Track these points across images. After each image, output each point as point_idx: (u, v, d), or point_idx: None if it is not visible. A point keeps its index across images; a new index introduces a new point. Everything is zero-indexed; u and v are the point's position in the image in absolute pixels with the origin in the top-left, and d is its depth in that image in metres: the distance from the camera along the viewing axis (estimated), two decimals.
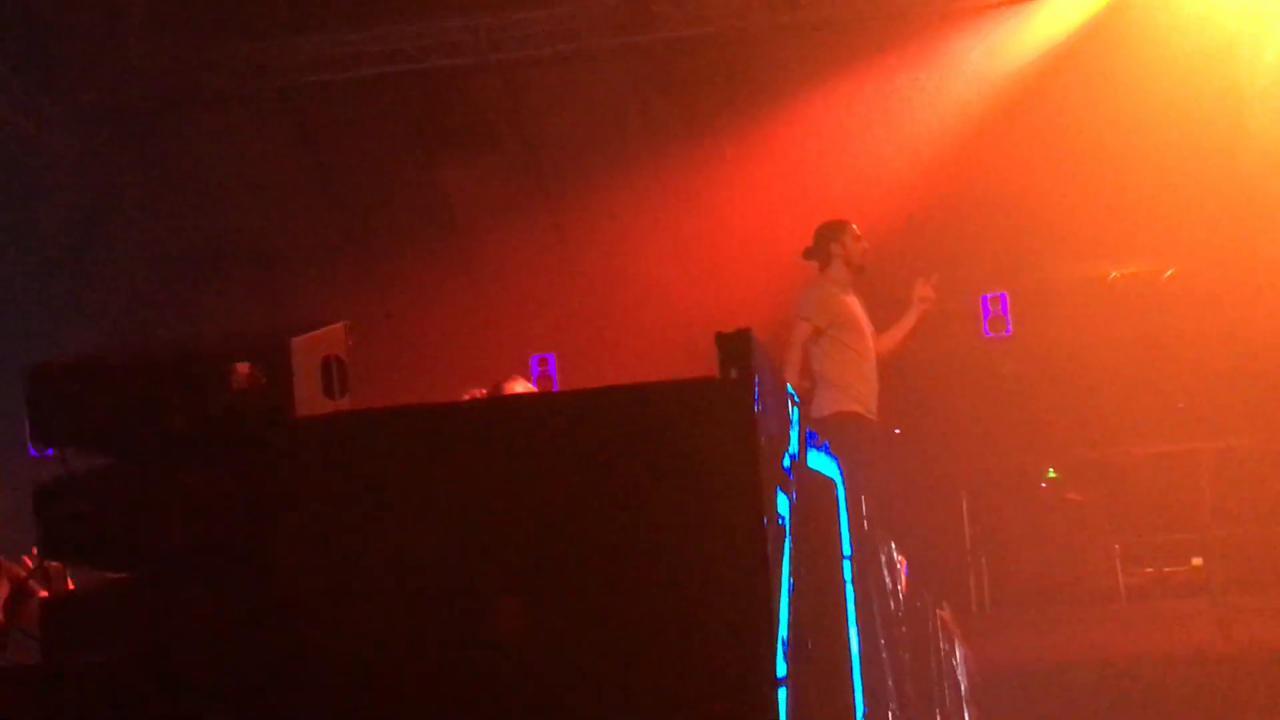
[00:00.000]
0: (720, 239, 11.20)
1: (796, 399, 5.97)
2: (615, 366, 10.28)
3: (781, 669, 4.26)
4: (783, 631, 4.35)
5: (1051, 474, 14.10)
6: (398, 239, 12.48)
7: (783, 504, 4.94)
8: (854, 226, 8.72)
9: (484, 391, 7.56)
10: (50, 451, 5.85)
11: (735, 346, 4.33)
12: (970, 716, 11.11)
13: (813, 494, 5.71)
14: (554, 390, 9.99)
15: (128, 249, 12.30)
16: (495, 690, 4.36)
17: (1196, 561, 12.90)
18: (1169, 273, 13.36)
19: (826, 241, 8.61)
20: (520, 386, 7.73)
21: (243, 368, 4.85)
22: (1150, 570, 13.18)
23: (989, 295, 13.06)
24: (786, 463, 5.05)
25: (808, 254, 8.71)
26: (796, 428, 5.59)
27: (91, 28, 11.36)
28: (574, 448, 4.49)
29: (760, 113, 12.05)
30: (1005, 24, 12.03)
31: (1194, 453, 12.73)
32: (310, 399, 4.95)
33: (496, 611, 4.37)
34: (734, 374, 4.33)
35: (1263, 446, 12.85)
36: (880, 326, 8.84)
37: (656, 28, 11.71)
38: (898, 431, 12.51)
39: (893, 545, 7.32)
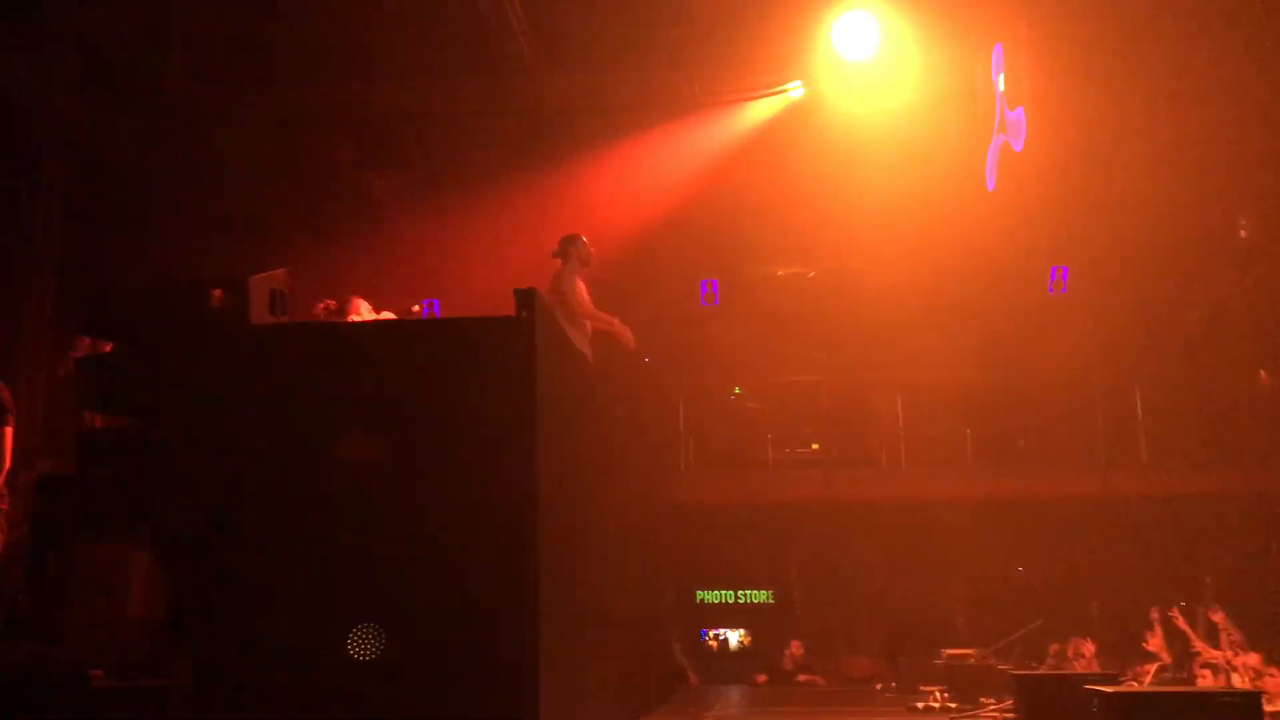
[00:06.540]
0: (536, 240, 11.01)
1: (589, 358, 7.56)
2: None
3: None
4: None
5: (737, 390, 16.77)
6: (342, 221, 14.16)
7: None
8: (583, 238, 9.35)
9: (333, 303, 7.87)
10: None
11: (525, 297, 5.06)
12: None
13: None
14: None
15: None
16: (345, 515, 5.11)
17: (815, 446, 16.25)
18: (812, 273, 16.38)
19: (567, 245, 9.30)
20: (363, 304, 7.91)
21: (218, 292, 5.61)
22: (789, 450, 16.12)
23: (705, 279, 15.47)
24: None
25: (555, 254, 9.30)
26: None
27: None
28: (404, 363, 5.25)
29: (567, 171, 13.39)
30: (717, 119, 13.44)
31: (815, 382, 16.11)
32: (260, 315, 5.80)
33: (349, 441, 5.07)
34: (524, 315, 4.90)
35: (856, 379, 16.26)
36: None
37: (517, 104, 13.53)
38: (647, 360, 13.59)
39: None
